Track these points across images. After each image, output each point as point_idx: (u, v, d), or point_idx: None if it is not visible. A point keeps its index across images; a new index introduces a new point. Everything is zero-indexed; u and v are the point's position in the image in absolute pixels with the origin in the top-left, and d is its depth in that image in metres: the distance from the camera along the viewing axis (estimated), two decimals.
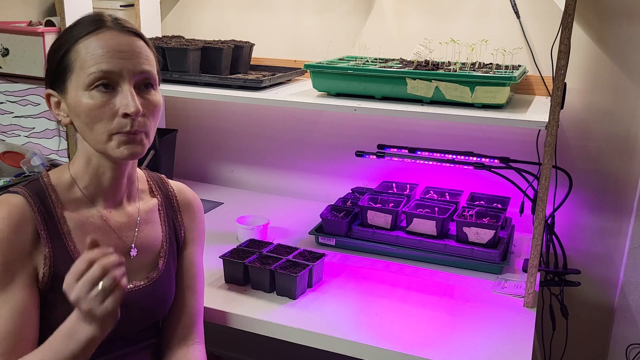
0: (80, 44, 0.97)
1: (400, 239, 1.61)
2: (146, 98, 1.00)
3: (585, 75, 1.68)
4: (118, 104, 0.96)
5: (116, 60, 0.96)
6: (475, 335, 1.24)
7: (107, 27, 0.98)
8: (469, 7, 1.76)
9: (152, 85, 1.02)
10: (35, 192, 1.01)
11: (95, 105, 0.96)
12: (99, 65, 0.95)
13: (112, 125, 0.96)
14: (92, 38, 0.97)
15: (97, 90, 0.96)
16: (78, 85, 0.97)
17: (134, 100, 0.96)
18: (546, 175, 1.27)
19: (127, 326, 1.06)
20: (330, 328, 1.25)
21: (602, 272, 1.78)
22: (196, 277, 1.19)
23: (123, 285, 0.85)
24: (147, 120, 1.00)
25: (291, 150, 2.11)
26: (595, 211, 1.76)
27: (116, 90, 0.97)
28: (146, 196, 1.17)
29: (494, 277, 1.50)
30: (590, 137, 1.72)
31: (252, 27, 2.05)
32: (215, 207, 1.98)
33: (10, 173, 1.77)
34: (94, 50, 0.96)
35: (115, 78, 0.96)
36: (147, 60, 1.01)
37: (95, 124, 0.97)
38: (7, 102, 1.83)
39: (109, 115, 0.96)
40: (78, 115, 0.98)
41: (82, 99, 0.96)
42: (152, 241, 1.13)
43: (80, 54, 0.96)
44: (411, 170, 1.94)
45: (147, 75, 1.00)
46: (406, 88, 1.45)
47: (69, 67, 0.98)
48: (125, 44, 0.98)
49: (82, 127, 0.99)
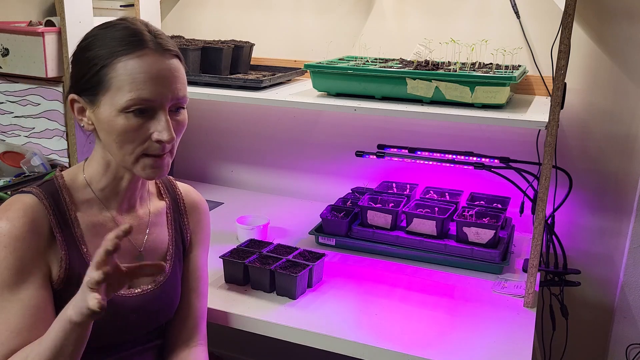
0: (119, 63, 0.94)
1: (400, 239, 1.61)
2: (176, 120, 1.00)
3: (585, 75, 1.68)
4: (152, 128, 0.96)
5: (156, 87, 0.95)
6: (475, 335, 1.24)
7: (148, 48, 0.96)
8: (469, 7, 1.76)
9: (183, 106, 1.02)
10: (50, 193, 1.01)
11: (131, 127, 0.95)
12: (139, 92, 0.94)
13: (143, 147, 0.97)
14: (134, 60, 0.94)
15: (133, 113, 0.95)
16: (113, 104, 0.95)
17: (169, 129, 0.96)
18: (546, 175, 1.27)
19: (134, 329, 1.07)
20: (330, 328, 1.25)
21: (602, 272, 1.78)
22: (201, 280, 1.20)
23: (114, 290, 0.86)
24: (175, 141, 1.00)
25: (291, 150, 2.11)
26: (595, 211, 1.76)
27: (152, 115, 0.97)
28: (155, 199, 1.17)
29: (494, 277, 1.50)
30: (590, 137, 1.72)
31: (252, 27, 2.05)
32: (215, 207, 1.98)
33: (10, 173, 1.77)
34: (133, 74, 0.94)
35: (153, 105, 0.96)
36: (183, 84, 1.01)
37: (126, 144, 0.97)
38: (7, 102, 1.83)
39: (142, 138, 0.97)
40: (109, 132, 0.97)
41: (116, 119, 0.95)
42: (159, 244, 1.13)
43: (118, 74, 0.94)
44: (411, 170, 1.94)
45: (182, 100, 1.00)
46: (406, 88, 1.45)
47: (105, 84, 0.95)
48: (166, 69, 0.97)
49: (109, 143, 0.99)
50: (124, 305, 1.04)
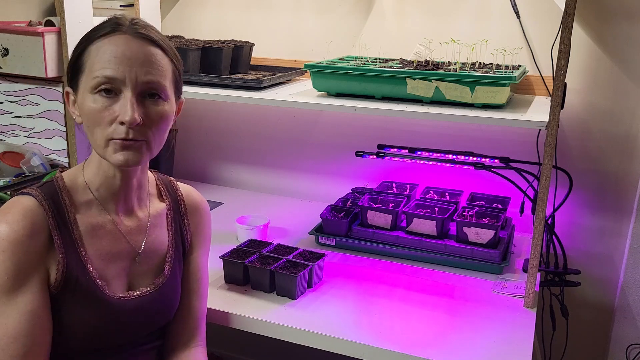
0: (93, 46, 0.97)
1: (400, 239, 1.61)
2: (150, 107, 0.98)
3: (585, 75, 1.68)
4: (117, 110, 0.95)
5: (121, 66, 0.95)
6: (475, 335, 1.24)
7: (121, 32, 0.97)
8: (469, 7, 1.76)
9: (160, 95, 1.00)
10: (49, 194, 1.00)
11: (97, 109, 0.96)
12: (104, 70, 0.95)
13: (109, 130, 0.96)
14: (105, 41, 0.97)
15: (99, 94, 0.95)
16: (85, 87, 0.97)
17: (132, 109, 0.94)
18: (546, 175, 1.27)
19: (134, 331, 1.07)
20: (330, 328, 1.25)
21: (602, 272, 1.78)
22: (201, 281, 1.19)
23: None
24: (149, 130, 0.98)
25: (291, 150, 2.11)
26: (595, 211, 1.76)
27: (119, 97, 0.96)
28: (155, 200, 1.16)
29: (494, 277, 1.50)
30: (590, 137, 1.72)
31: (252, 27, 2.05)
32: (215, 207, 1.98)
33: (10, 173, 1.76)
34: (103, 54, 0.96)
35: (118, 85, 0.95)
36: (157, 69, 0.98)
37: (96, 127, 0.97)
38: (7, 102, 1.83)
39: (108, 120, 0.96)
40: (83, 116, 0.99)
41: (86, 101, 0.97)
42: (158, 246, 1.13)
43: (91, 56, 0.97)
44: (411, 170, 1.94)
45: (153, 86, 0.98)
46: (406, 88, 1.45)
47: (81, 68, 0.98)
48: (135, 50, 0.97)
49: (86, 129, 1.00)
50: (123, 308, 1.03)
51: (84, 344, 1.00)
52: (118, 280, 1.05)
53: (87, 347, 1.01)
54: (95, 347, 1.02)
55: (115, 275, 1.05)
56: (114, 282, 1.04)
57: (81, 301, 0.99)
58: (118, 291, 1.04)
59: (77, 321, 0.98)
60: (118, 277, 1.05)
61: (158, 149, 1.03)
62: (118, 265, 1.05)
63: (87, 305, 0.99)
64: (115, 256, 1.05)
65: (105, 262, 1.04)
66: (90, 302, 0.99)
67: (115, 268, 1.05)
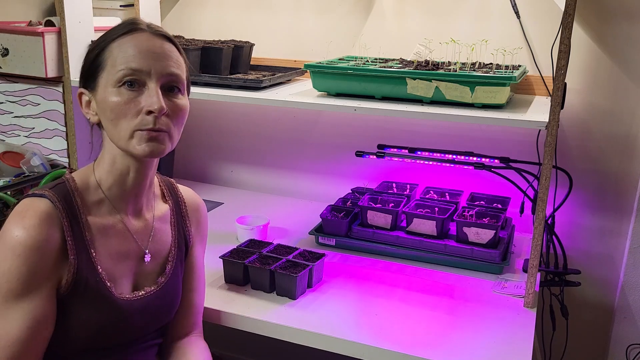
0: (114, 44, 1.00)
1: (400, 239, 1.61)
2: (172, 100, 1.01)
3: (585, 75, 1.68)
4: (143, 102, 0.98)
5: (146, 60, 0.98)
6: (475, 335, 1.24)
7: (141, 30, 1.02)
8: (469, 7, 1.76)
9: (179, 89, 1.03)
10: (62, 196, 1.00)
11: (122, 101, 0.97)
12: (129, 63, 0.97)
13: (136, 122, 0.97)
14: (128, 38, 1.00)
15: (124, 87, 0.98)
16: (107, 82, 0.99)
17: (159, 99, 0.97)
18: (546, 175, 1.27)
19: (138, 330, 1.08)
20: (330, 328, 1.25)
21: (602, 272, 1.78)
22: (199, 278, 1.22)
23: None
24: (170, 122, 1.00)
25: (291, 150, 2.11)
26: (595, 211, 1.76)
27: (143, 89, 0.98)
28: (159, 201, 1.18)
29: (494, 277, 1.50)
30: (590, 137, 1.72)
31: (252, 27, 2.05)
32: (215, 207, 1.98)
33: (10, 173, 1.76)
34: (127, 48, 0.99)
35: (143, 77, 0.98)
36: (177, 64, 1.03)
37: (120, 120, 0.98)
38: (7, 102, 1.83)
39: (134, 112, 0.97)
40: (104, 111, 1.00)
41: (109, 95, 0.98)
42: (162, 247, 1.14)
43: (112, 53, 0.99)
44: (411, 170, 1.94)
45: (175, 78, 1.01)
46: (406, 88, 1.45)
47: (102, 65, 1.00)
48: (157, 46, 1.01)
49: (107, 124, 1.01)
50: (129, 308, 1.04)
51: (88, 343, 1.01)
52: (125, 280, 1.06)
53: (91, 346, 1.02)
54: (99, 346, 1.03)
55: (123, 275, 1.06)
56: (121, 282, 1.05)
57: (89, 302, 0.99)
58: (125, 291, 1.05)
59: (84, 322, 0.99)
60: (125, 277, 1.06)
61: (176, 142, 1.05)
62: (125, 265, 1.07)
63: (95, 307, 1.00)
64: (123, 256, 1.07)
65: (114, 262, 1.05)
66: (98, 303, 1.00)
67: (123, 268, 1.06)
